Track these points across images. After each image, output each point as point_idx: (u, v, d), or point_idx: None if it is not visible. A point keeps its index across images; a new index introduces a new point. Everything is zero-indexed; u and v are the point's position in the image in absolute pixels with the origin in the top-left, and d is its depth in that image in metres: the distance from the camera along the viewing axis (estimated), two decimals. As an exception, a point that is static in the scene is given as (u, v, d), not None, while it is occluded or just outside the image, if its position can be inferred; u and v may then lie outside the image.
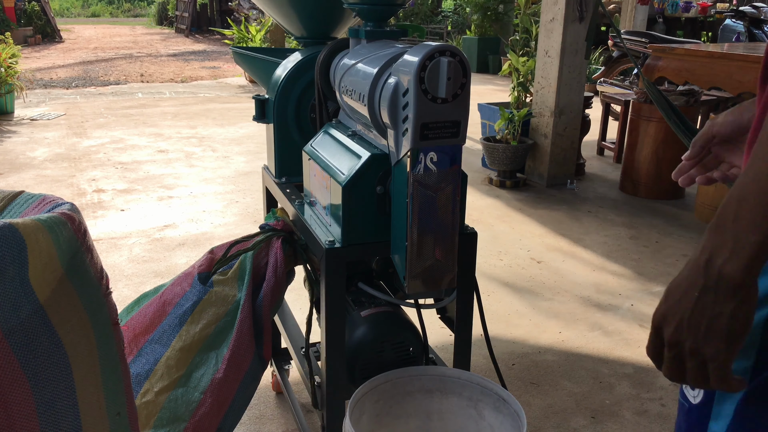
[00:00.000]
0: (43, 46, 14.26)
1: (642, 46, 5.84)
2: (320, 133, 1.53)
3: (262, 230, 1.60)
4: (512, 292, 2.88)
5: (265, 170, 1.87)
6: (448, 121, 1.12)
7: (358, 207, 1.27)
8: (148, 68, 10.87)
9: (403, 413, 1.39)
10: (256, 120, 1.77)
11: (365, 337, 1.42)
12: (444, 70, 1.08)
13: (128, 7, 27.37)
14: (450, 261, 1.23)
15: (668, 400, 2.02)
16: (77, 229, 0.85)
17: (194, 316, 1.47)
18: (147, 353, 1.45)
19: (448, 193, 1.18)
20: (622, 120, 4.81)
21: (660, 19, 9.78)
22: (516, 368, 2.28)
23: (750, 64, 3.43)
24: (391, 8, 1.40)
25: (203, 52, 13.76)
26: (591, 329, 2.56)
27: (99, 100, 7.71)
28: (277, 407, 2.04)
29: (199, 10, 17.82)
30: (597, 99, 5.70)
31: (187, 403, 1.38)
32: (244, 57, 1.98)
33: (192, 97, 8.05)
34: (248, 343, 1.46)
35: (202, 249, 3.23)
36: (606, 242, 3.47)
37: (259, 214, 3.77)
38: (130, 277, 2.95)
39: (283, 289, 1.55)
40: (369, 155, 1.26)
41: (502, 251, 3.34)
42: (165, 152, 5.28)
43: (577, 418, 1.98)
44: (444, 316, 1.59)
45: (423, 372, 1.39)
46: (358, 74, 1.29)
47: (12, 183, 4.35)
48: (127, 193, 4.20)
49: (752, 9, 6.65)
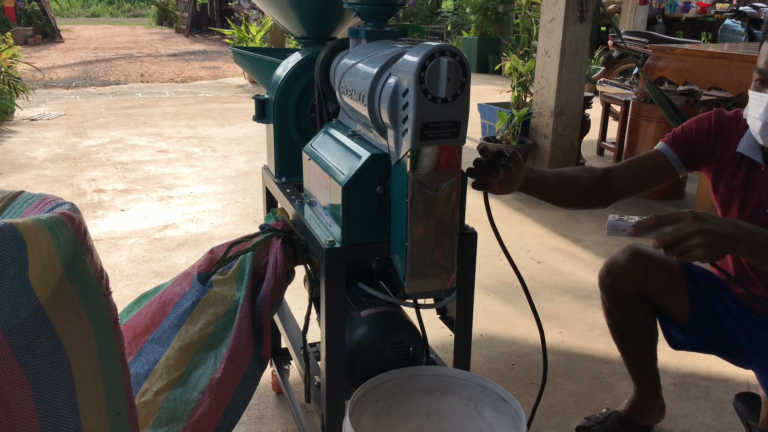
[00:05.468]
0: (43, 46, 14.26)
1: (642, 46, 5.84)
2: (320, 133, 1.53)
3: (262, 230, 1.60)
4: (512, 292, 2.88)
5: (265, 170, 1.87)
6: (448, 121, 1.12)
7: (358, 207, 1.27)
8: (148, 68, 10.87)
9: (403, 413, 1.39)
10: (256, 120, 1.77)
11: (365, 337, 1.42)
12: (444, 70, 1.08)
13: (128, 7, 27.37)
14: (450, 261, 1.23)
15: (668, 400, 2.02)
16: (77, 229, 0.85)
17: (193, 316, 1.47)
18: (147, 353, 1.45)
19: (448, 193, 1.18)
20: (622, 120, 4.81)
21: (660, 19, 9.79)
22: (516, 368, 2.28)
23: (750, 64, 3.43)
24: (391, 8, 1.40)
25: (203, 52, 13.76)
26: (591, 329, 2.56)
27: (99, 100, 7.71)
28: (277, 407, 2.04)
29: (199, 10, 17.82)
30: (597, 99, 5.70)
31: (185, 403, 1.38)
32: (244, 57, 1.98)
33: (192, 97, 8.05)
34: (247, 343, 1.46)
35: (202, 249, 3.23)
36: (606, 242, 3.47)
37: (259, 214, 3.77)
38: (130, 277, 2.95)
39: (283, 289, 1.55)
40: (369, 155, 1.26)
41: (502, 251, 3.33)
42: (165, 152, 5.28)
43: (577, 418, 1.98)
44: (444, 316, 1.59)
45: (423, 372, 1.39)
46: (358, 74, 1.29)
47: (12, 183, 4.35)
48: (127, 193, 4.20)
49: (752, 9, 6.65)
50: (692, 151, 1.60)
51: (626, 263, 1.66)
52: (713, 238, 1.19)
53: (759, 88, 1.40)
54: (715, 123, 1.57)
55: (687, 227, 1.20)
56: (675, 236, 1.20)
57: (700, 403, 2.09)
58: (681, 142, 1.60)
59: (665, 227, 1.22)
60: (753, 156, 1.49)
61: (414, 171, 1.14)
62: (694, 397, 2.12)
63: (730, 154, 1.55)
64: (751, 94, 1.42)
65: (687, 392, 2.15)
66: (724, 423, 2.00)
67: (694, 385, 2.19)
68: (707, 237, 1.18)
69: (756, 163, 1.50)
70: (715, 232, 1.19)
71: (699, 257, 1.20)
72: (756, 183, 1.51)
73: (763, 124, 1.37)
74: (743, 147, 1.51)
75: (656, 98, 3.77)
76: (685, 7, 9.78)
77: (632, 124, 4.35)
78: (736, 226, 1.23)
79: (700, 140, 1.58)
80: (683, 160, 1.61)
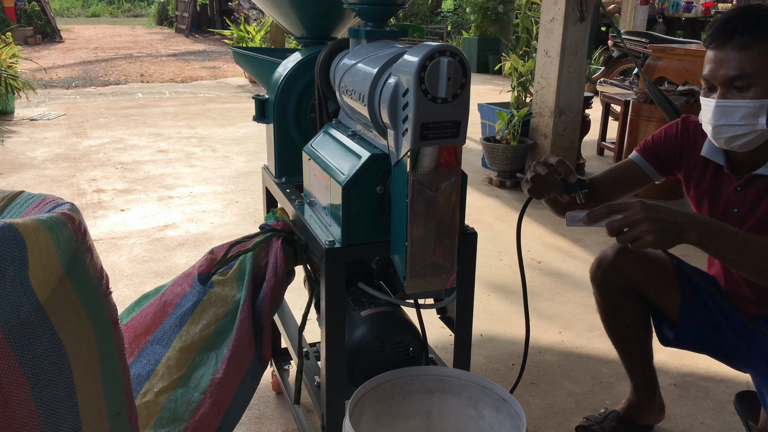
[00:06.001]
0: (43, 46, 14.26)
1: (642, 46, 5.84)
2: (320, 133, 1.53)
3: (262, 230, 1.60)
4: (512, 292, 2.88)
5: (265, 170, 1.86)
6: (448, 121, 1.12)
7: (358, 207, 1.27)
8: (148, 68, 10.87)
9: (403, 413, 1.39)
10: (256, 120, 1.77)
11: (365, 337, 1.42)
12: (444, 70, 1.08)
13: (128, 7, 27.38)
14: (450, 261, 1.23)
15: (668, 400, 2.02)
16: (77, 229, 0.85)
17: (194, 317, 1.47)
18: (148, 354, 1.45)
19: (448, 193, 1.18)
20: (622, 120, 4.81)
21: (660, 20, 9.78)
22: (516, 368, 2.28)
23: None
24: (391, 8, 1.40)
25: (203, 52, 13.76)
26: (591, 329, 2.56)
27: (99, 100, 7.71)
28: (277, 407, 2.04)
29: (199, 10, 17.82)
30: (597, 99, 5.70)
31: (186, 404, 1.38)
32: (244, 57, 1.98)
33: (192, 97, 8.05)
34: (248, 344, 1.46)
35: (202, 249, 3.23)
36: (606, 242, 3.46)
37: (259, 214, 3.77)
38: (130, 277, 2.95)
39: (283, 290, 1.55)
40: (369, 155, 1.26)
41: (502, 251, 3.34)
42: (165, 152, 5.28)
43: (577, 418, 1.98)
44: (444, 316, 1.59)
45: (423, 372, 1.39)
46: (358, 74, 1.29)
47: (12, 183, 4.35)
48: (127, 193, 4.20)
49: (752, 9, 6.63)
50: (662, 158, 1.66)
51: (615, 257, 1.69)
52: (661, 226, 1.26)
53: (707, 94, 1.45)
54: (682, 129, 1.63)
55: (634, 215, 1.27)
56: (623, 223, 1.27)
57: (700, 403, 2.09)
58: (651, 150, 1.67)
59: (616, 215, 1.29)
60: (715, 159, 1.55)
61: (414, 171, 1.14)
62: (694, 397, 2.12)
63: (695, 158, 1.60)
64: (701, 100, 1.47)
65: (687, 392, 2.15)
66: (724, 423, 1.99)
67: (694, 385, 2.19)
68: (655, 224, 1.25)
69: (720, 165, 1.55)
70: (662, 219, 1.26)
71: (649, 243, 1.26)
72: (722, 184, 1.56)
73: (713, 127, 1.42)
74: (705, 151, 1.56)
75: (656, 98, 3.77)
76: (688, 7, 9.77)
77: (632, 124, 4.34)
78: (687, 216, 1.29)
79: (668, 147, 1.64)
80: (656, 168, 1.67)
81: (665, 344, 1.72)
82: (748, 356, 1.59)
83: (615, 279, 1.69)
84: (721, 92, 1.40)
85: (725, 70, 1.37)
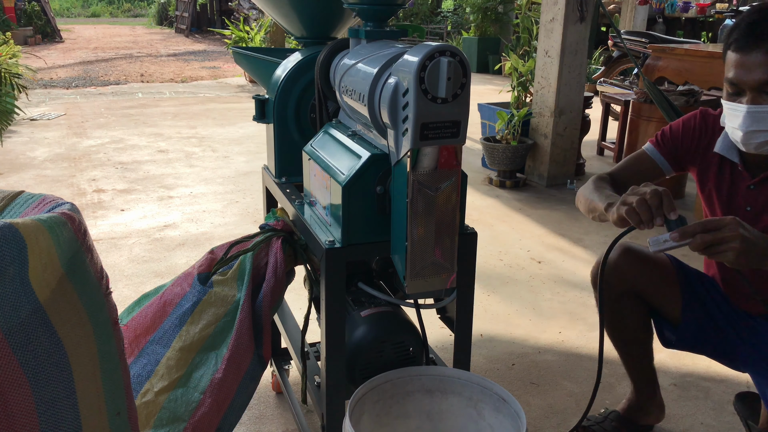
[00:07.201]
0: (43, 46, 14.25)
1: (642, 46, 5.84)
2: (320, 133, 1.53)
3: (262, 230, 1.60)
4: (512, 292, 2.88)
5: (265, 170, 1.87)
6: (448, 121, 1.12)
7: (358, 207, 1.27)
8: (148, 68, 10.87)
9: (403, 413, 1.39)
10: (256, 120, 1.77)
11: (365, 337, 1.42)
12: (444, 70, 1.08)
13: (128, 7, 27.37)
14: (450, 261, 1.23)
15: (668, 400, 2.02)
16: (77, 229, 0.85)
17: (194, 317, 1.47)
18: (148, 354, 1.45)
19: (448, 193, 1.18)
20: (622, 120, 4.81)
21: (660, 19, 9.78)
22: (516, 368, 2.28)
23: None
24: (391, 8, 1.40)
25: (203, 52, 13.76)
26: (591, 329, 2.56)
27: (99, 100, 7.71)
28: (277, 407, 2.04)
29: (199, 11, 17.81)
30: (597, 99, 5.70)
31: (186, 404, 1.38)
32: (244, 57, 1.98)
33: (192, 97, 8.05)
34: (247, 344, 1.46)
35: (202, 249, 3.23)
36: (606, 242, 3.47)
37: (259, 214, 3.77)
38: (130, 277, 2.95)
39: (283, 290, 1.55)
40: (369, 155, 1.26)
41: (502, 251, 3.34)
42: (165, 152, 5.28)
43: (576, 418, 1.98)
44: (444, 316, 1.59)
45: (423, 372, 1.39)
46: (358, 74, 1.29)
47: (12, 183, 4.35)
48: (127, 193, 4.20)
49: (752, 9, 6.63)
50: (679, 151, 1.63)
51: (617, 260, 1.67)
52: (750, 247, 1.24)
53: (732, 98, 1.42)
54: (700, 122, 1.61)
55: (730, 231, 1.24)
56: (715, 238, 1.25)
57: (700, 403, 2.09)
58: (669, 143, 1.64)
59: (707, 234, 1.26)
60: (729, 156, 1.53)
61: (414, 171, 1.14)
62: (694, 397, 2.12)
63: (711, 153, 1.58)
64: (724, 103, 1.44)
65: (687, 392, 2.15)
66: (724, 423, 2.00)
67: (694, 385, 2.19)
68: (744, 244, 1.23)
69: (734, 162, 1.54)
70: (754, 243, 1.25)
71: (729, 259, 1.25)
72: (735, 182, 1.55)
73: (744, 133, 1.40)
74: (719, 147, 1.54)
75: (655, 99, 3.77)
76: (685, 7, 9.78)
77: (632, 124, 4.35)
78: None
79: (686, 140, 1.62)
80: (671, 162, 1.64)
81: (666, 346, 1.72)
82: (749, 357, 1.59)
83: (616, 282, 1.68)
84: (751, 97, 1.37)
85: (756, 74, 1.34)
